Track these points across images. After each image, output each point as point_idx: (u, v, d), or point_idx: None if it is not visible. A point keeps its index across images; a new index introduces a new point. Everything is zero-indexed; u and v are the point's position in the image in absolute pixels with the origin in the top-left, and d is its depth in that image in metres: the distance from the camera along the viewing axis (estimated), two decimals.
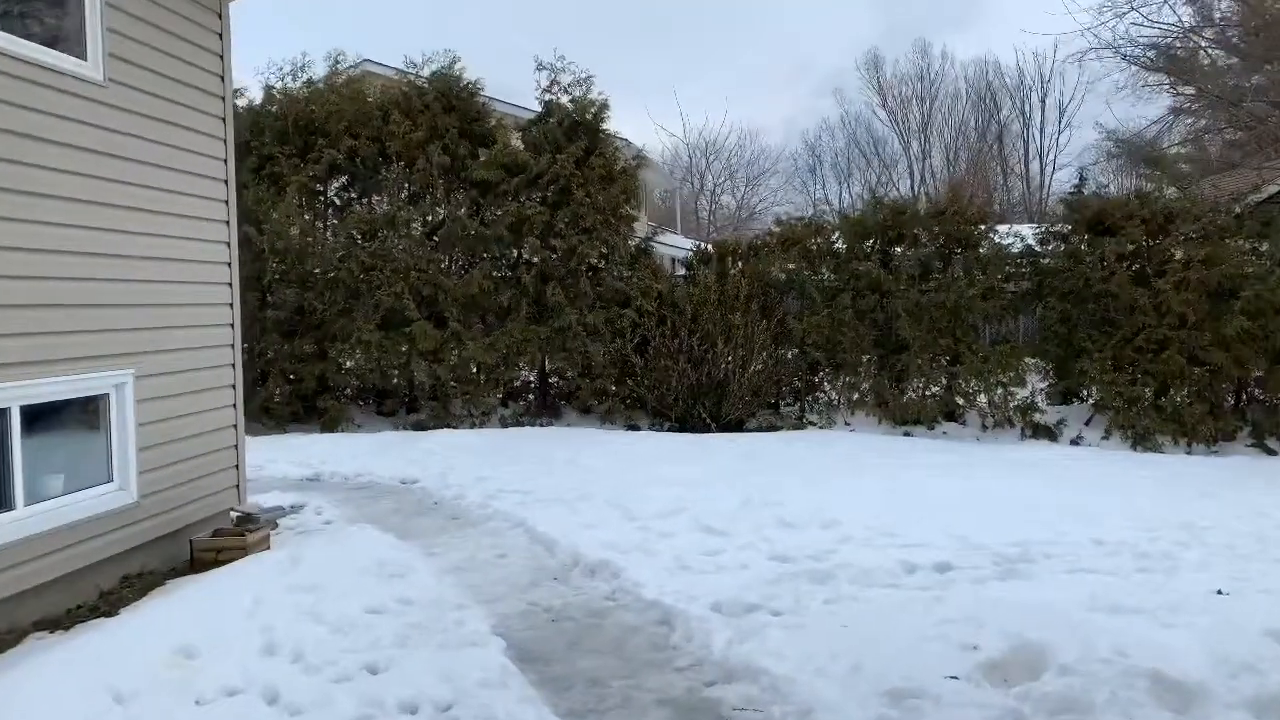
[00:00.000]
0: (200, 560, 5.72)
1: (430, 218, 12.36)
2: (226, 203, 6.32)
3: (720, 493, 7.51)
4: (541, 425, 11.95)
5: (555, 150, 11.89)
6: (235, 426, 6.44)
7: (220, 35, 6.21)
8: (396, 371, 12.00)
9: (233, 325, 6.41)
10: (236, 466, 6.47)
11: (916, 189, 39.53)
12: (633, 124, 39.04)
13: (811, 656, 4.03)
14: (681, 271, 13.57)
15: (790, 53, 55.48)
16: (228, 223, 6.34)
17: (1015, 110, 40.62)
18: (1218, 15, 18.59)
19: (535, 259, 12.23)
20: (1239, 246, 10.97)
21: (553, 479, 8.36)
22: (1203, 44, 18.99)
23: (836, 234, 12.45)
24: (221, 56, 6.22)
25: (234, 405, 6.43)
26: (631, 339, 11.68)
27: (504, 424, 12.00)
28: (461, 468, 8.97)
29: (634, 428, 11.86)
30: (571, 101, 12.19)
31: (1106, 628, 4.08)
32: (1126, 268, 11.08)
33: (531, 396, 12.65)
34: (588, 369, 11.80)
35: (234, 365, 6.43)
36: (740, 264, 12.22)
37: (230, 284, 6.37)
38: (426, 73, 12.53)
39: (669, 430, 11.68)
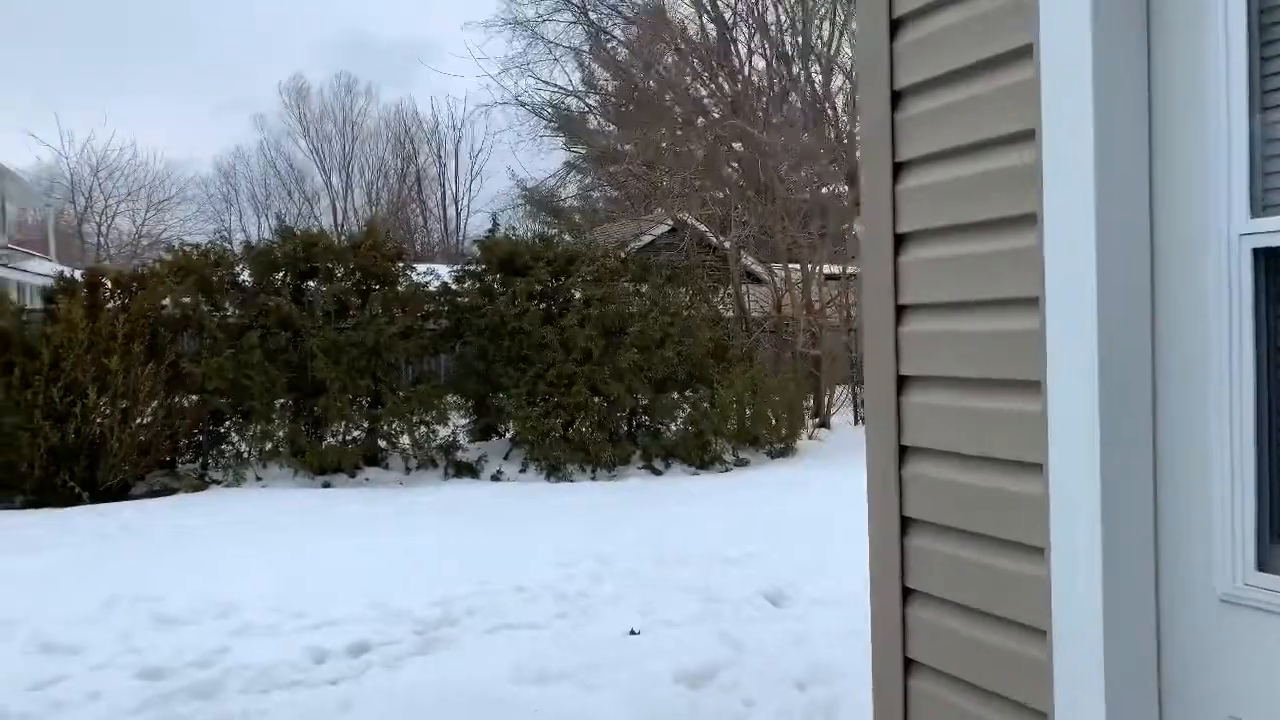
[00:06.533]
0: None
1: None
2: None
3: (76, 590, 5.83)
4: None
5: None
6: None
7: None
8: None
9: None
10: None
11: (340, 225, 38.78)
12: (3, 135, 32.48)
13: None
14: (37, 306, 11.00)
15: (224, 75, 51.37)
16: None
17: (432, 155, 42.14)
18: (601, 83, 21.04)
19: None
20: (625, 288, 12.12)
21: None
22: (588, 108, 21.30)
23: (241, 265, 11.11)
24: None
25: None
26: None
27: None
28: None
29: None
30: None
31: (533, 704, 3.68)
32: (537, 306, 11.54)
33: None
34: None
35: None
36: (122, 297, 10.20)
37: None
38: None
39: (24, 507, 9.21)
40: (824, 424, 13.69)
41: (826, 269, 14.55)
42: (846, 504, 9.20)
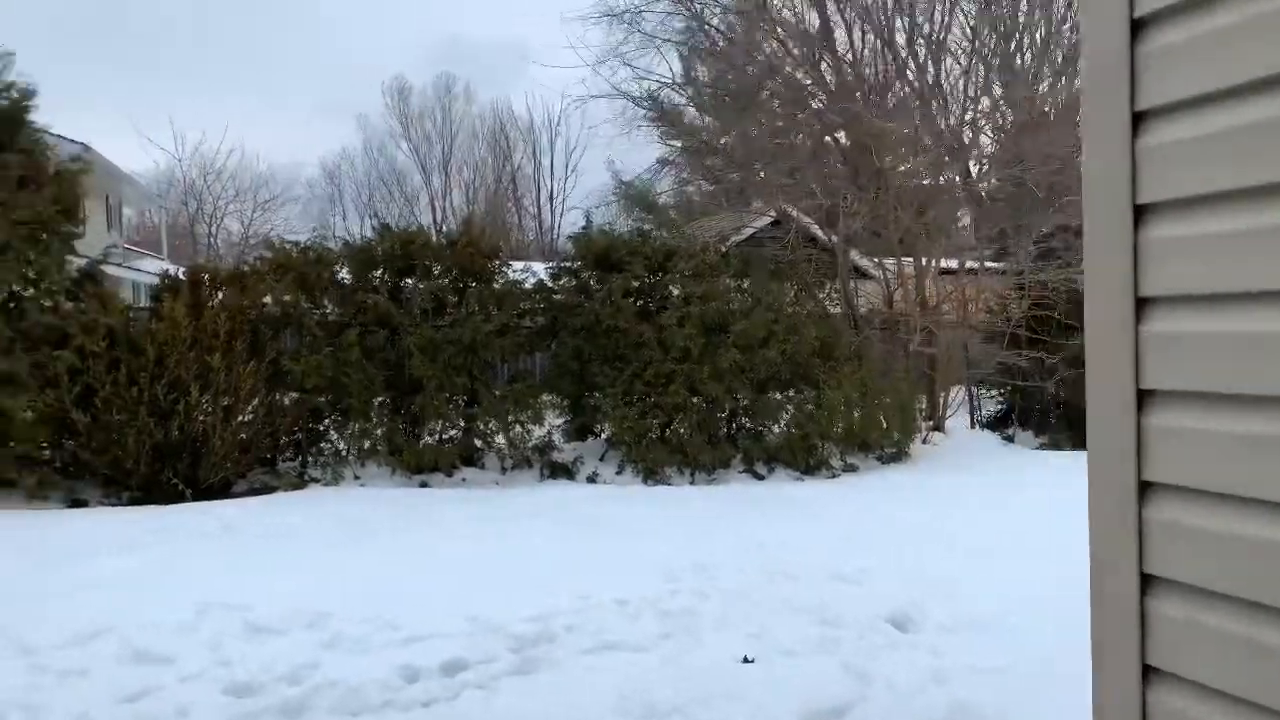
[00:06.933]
0: None
1: None
2: None
3: (171, 593, 5.72)
4: None
5: None
6: None
7: None
8: None
9: None
10: None
11: (439, 224, 39.32)
12: (124, 141, 34.13)
13: None
14: (148, 304, 11.17)
15: (332, 76, 53.00)
16: None
17: (528, 153, 42.35)
18: (698, 74, 20.56)
19: None
20: (727, 284, 11.66)
21: None
22: (686, 99, 20.87)
23: (341, 263, 11.07)
24: None
25: None
26: (72, 389, 9.13)
27: None
28: None
29: (79, 503, 9.28)
30: None
31: None
32: (633, 303, 11.20)
33: None
34: (4, 432, 8.97)
35: None
36: (222, 294, 10.26)
37: None
38: None
39: (129, 503, 9.32)
40: (938, 427, 12.98)
41: (942, 263, 13.81)
42: (966, 514, 8.60)
